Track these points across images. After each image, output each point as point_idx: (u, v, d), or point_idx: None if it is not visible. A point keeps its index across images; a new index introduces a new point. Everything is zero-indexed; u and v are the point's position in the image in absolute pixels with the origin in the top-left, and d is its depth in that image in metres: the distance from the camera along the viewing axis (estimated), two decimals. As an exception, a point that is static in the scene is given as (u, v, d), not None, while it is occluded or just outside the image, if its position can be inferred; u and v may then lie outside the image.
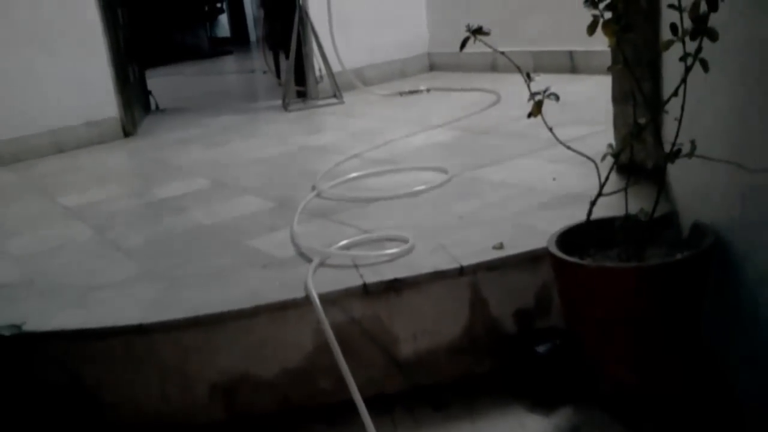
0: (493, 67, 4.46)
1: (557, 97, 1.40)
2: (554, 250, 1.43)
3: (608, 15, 1.33)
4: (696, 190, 1.58)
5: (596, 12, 1.32)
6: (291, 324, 1.59)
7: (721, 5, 1.19)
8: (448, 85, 4.38)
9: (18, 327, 1.63)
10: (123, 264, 2.02)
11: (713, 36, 1.21)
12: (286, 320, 1.59)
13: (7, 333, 1.61)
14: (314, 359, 1.60)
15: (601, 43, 1.40)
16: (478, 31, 1.40)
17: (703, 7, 1.20)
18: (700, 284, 1.37)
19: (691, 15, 1.21)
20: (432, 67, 5.25)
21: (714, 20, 1.21)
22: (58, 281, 1.94)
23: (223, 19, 11.41)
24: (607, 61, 1.69)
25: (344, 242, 1.84)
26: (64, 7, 3.82)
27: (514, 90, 1.45)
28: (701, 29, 1.22)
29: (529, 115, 1.41)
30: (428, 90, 4.36)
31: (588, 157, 1.44)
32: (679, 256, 1.36)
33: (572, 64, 4.17)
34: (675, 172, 1.69)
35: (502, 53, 1.50)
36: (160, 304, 1.69)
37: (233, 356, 1.60)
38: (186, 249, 2.08)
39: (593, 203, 1.42)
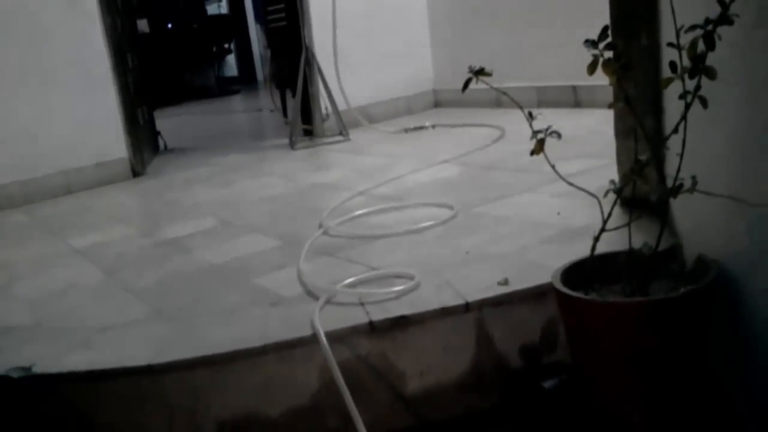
0: (498, 103, 4.50)
1: (559, 135, 1.42)
2: (559, 285, 1.44)
3: (608, 54, 1.35)
4: (699, 223, 1.59)
5: (596, 52, 1.34)
6: (298, 362, 1.60)
7: (718, 43, 1.21)
8: (453, 121, 4.42)
9: (27, 369, 1.64)
10: (132, 304, 2.03)
11: (711, 74, 1.22)
12: (294, 358, 1.60)
13: (16, 375, 1.62)
14: (322, 397, 1.60)
15: (604, 78, 1.42)
16: (480, 72, 1.43)
17: (701, 46, 1.22)
18: (704, 317, 1.37)
19: (689, 54, 1.23)
20: (437, 104, 5.30)
21: (712, 57, 1.23)
22: (67, 323, 1.96)
23: (231, 59, 11.55)
24: (611, 95, 1.71)
25: (350, 280, 1.86)
26: (74, 53, 3.90)
27: (519, 125, 1.47)
28: (699, 68, 1.23)
29: (532, 153, 1.43)
30: (433, 126, 4.40)
31: (590, 193, 1.46)
32: (682, 290, 1.36)
33: (576, 99, 4.21)
34: (678, 205, 1.70)
35: (504, 93, 1.53)
36: (168, 344, 1.70)
37: (241, 395, 1.60)
38: (194, 288, 2.09)
39: (596, 239, 1.43)
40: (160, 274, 2.28)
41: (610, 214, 1.43)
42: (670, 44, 1.29)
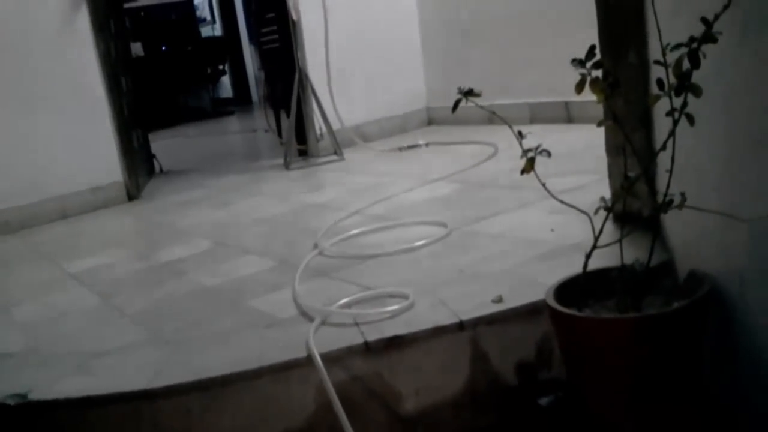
0: (491, 120, 4.49)
1: (549, 154, 1.43)
2: (552, 302, 1.44)
3: (596, 72, 1.36)
4: (691, 238, 1.59)
5: (584, 71, 1.35)
6: (294, 384, 1.60)
7: (703, 61, 1.22)
8: (446, 139, 4.43)
9: (23, 396, 1.64)
10: (127, 329, 2.03)
11: (697, 92, 1.24)
12: (289, 380, 1.60)
13: (12, 402, 1.62)
14: (317, 418, 1.60)
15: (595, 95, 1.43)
16: (469, 93, 1.44)
17: (686, 64, 1.23)
18: (697, 332, 1.38)
19: (675, 72, 1.24)
20: (430, 122, 5.32)
21: (698, 75, 1.24)
22: (63, 348, 1.96)
23: (226, 80, 11.59)
24: (602, 110, 1.72)
25: (345, 300, 1.86)
26: (68, 78, 3.91)
27: (512, 142, 1.48)
28: (685, 85, 1.25)
29: (522, 172, 1.44)
30: (427, 144, 4.42)
31: (581, 210, 1.46)
32: (675, 304, 1.37)
33: (568, 114, 4.22)
34: (670, 220, 1.71)
35: (493, 113, 1.54)
36: (164, 368, 1.69)
37: (237, 418, 1.60)
38: (189, 312, 2.09)
39: (588, 256, 1.44)
40: (155, 298, 2.28)
41: (601, 231, 1.44)
42: (657, 62, 1.31)
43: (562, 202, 1.52)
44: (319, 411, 1.59)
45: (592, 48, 1.36)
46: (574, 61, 1.35)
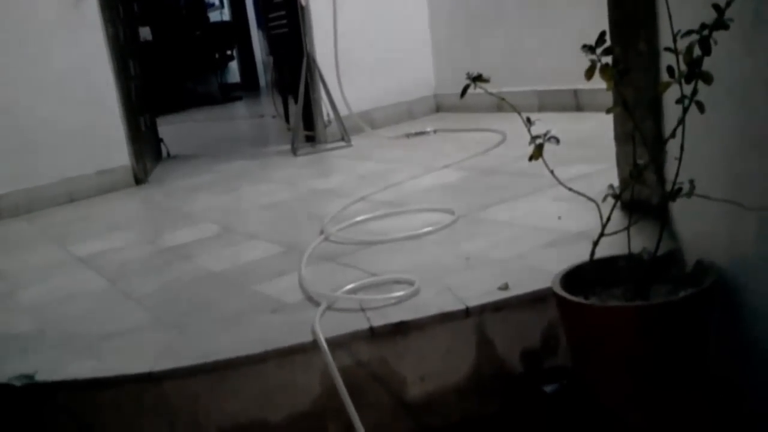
0: (499, 107, 4.47)
1: (557, 140, 1.42)
2: (559, 290, 1.44)
3: (606, 59, 1.35)
4: (699, 227, 1.59)
5: (594, 57, 1.34)
6: (299, 368, 1.61)
7: (715, 48, 1.21)
8: (454, 126, 4.42)
9: (30, 377, 1.64)
10: (134, 312, 2.04)
11: (707, 79, 1.23)
12: (295, 365, 1.60)
13: (18, 383, 1.63)
14: (323, 403, 1.60)
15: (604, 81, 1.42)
16: (478, 79, 1.43)
17: (697, 51, 1.22)
18: (704, 321, 1.37)
19: (686, 59, 1.23)
20: (438, 109, 5.30)
21: (709, 62, 1.23)
22: (69, 330, 1.96)
23: (234, 65, 11.57)
24: (611, 98, 1.71)
25: (351, 286, 1.86)
26: (76, 61, 3.91)
27: (520, 129, 1.48)
28: (696, 72, 1.24)
29: (531, 159, 1.43)
30: (435, 131, 4.41)
31: (589, 198, 1.46)
32: (682, 293, 1.36)
33: (577, 102, 4.20)
34: (678, 209, 1.71)
35: (503, 99, 1.53)
36: (170, 352, 1.70)
37: (242, 402, 1.60)
38: (196, 296, 2.10)
39: (595, 243, 1.43)
40: (162, 282, 2.28)
41: (609, 219, 1.43)
42: (667, 49, 1.30)
43: (570, 189, 1.51)
44: (324, 395, 1.60)
45: (602, 34, 1.35)
46: (584, 47, 1.34)
